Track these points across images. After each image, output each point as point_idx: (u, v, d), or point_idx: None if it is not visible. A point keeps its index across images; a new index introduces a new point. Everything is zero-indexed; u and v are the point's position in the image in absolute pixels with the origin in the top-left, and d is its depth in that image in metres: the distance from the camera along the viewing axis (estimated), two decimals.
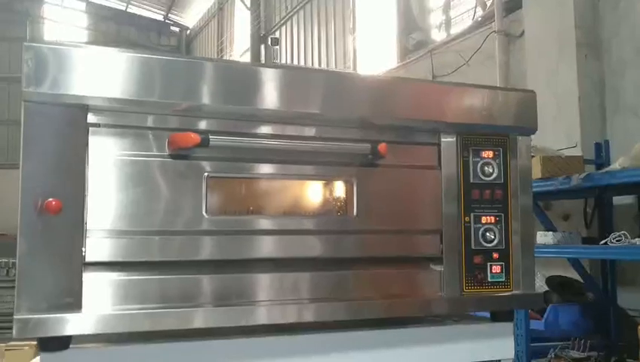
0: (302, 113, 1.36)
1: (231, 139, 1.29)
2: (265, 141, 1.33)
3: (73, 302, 1.18)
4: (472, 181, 1.55)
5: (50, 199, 1.16)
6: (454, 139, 1.55)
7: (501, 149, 1.58)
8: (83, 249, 1.20)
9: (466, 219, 1.54)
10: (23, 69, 1.15)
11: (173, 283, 1.27)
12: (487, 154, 1.57)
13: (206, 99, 1.29)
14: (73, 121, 1.20)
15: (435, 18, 7.67)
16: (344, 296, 1.42)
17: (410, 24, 8.09)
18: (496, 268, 1.55)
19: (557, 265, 4.77)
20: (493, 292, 1.53)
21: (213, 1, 17.41)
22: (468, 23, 6.75)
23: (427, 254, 1.52)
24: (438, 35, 7.57)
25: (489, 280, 1.54)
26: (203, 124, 1.32)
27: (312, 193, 1.48)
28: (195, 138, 1.25)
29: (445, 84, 1.53)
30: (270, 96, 1.32)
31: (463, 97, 1.54)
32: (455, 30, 7.09)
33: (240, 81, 1.32)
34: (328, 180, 1.46)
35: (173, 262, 1.28)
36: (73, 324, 1.17)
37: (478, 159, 1.56)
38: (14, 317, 1.12)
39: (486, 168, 1.56)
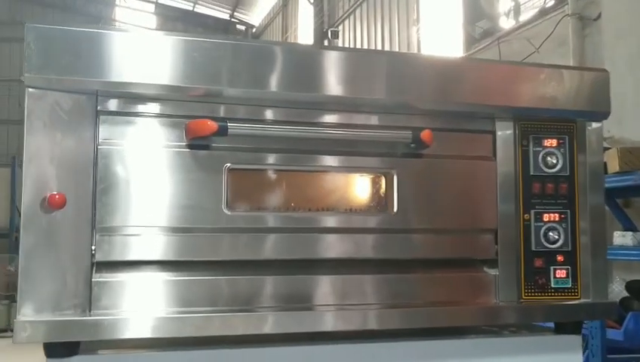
0: (332, 97, 1.21)
1: (252, 127, 1.16)
2: (289, 128, 1.18)
3: (81, 304, 1.08)
4: (532, 173, 1.36)
5: (55, 193, 1.06)
6: (511, 125, 1.36)
7: (567, 137, 1.38)
8: (92, 247, 1.10)
9: (526, 216, 1.35)
10: (25, 51, 1.06)
11: (189, 285, 1.16)
12: (550, 142, 1.37)
13: (227, 83, 1.16)
14: (80, 108, 1.11)
15: (504, 5, 7.30)
16: (386, 302, 1.26)
17: (477, 12, 7.74)
18: (561, 273, 1.35)
19: (638, 268, 4.39)
20: (557, 299, 1.34)
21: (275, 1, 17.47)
22: (538, 7, 6.37)
23: (480, 256, 1.34)
24: (506, 23, 7.20)
25: (552, 286, 1.34)
26: (224, 111, 1.20)
27: (345, 187, 1.32)
28: (212, 125, 1.13)
29: (499, 62, 1.34)
30: (294, 79, 1.18)
31: (521, 77, 1.35)
32: (525, 17, 6.71)
33: (264, 63, 1.18)
34: (364, 173, 1.31)
35: (191, 262, 1.17)
36: (81, 329, 1.07)
37: (540, 148, 1.37)
38: (16, 319, 1.04)
39: (549, 159, 1.37)
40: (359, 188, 1.32)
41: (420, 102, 1.28)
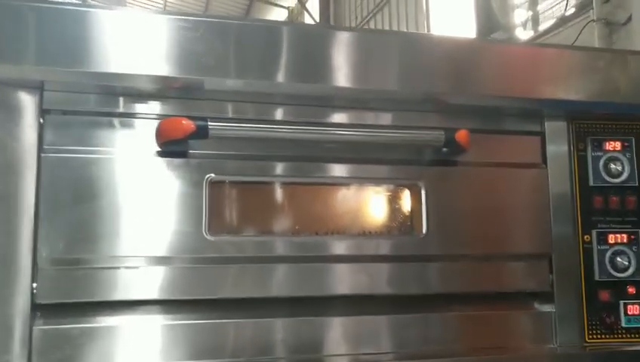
0: (343, 89, 0.95)
1: (239, 128, 0.90)
2: (288, 129, 0.92)
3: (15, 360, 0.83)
4: (592, 184, 1.09)
5: None
6: (565, 125, 1.10)
7: (633, 139, 1.12)
8: (34, 285, 0.85)
9: (586, 238, 1.08)
10: None
11: (161, 331, 0.89)
12: (613, 145, 1.11)
13: (210, 72, 0.91)
14: (19, 105, 0.86)
15: (520, 15, 7.06)
16: (414, 349, 0.99)
17: (491, 24, 7.50)
18: (634, 308, 1.07)
19: None
20: (630, 342, 1.06)
21: (285, 15, 17.39)
22: (558, 14, 6.11)
23: (530, 288, 1.07)
24: (524, 34, 6.94)
25: (623, 325, 1.07)
26: (207, 108, 0.95)
27: (359, 204, 1.05)
28: (188, 125, 0.87)
29: (550, 46, 1.09)
30: (291, 67, 0.92)
31: (574, 64, 1.08)
32: (544, 26, 6.45)
33: (257, 46, 0.93)
34: (384, 185, 1.04)
35: (161, 302, 0.90)
36: None
37: (600, 153, 1.10)
38: None
39: (612, 166, 1.10)
40: (377, 204, 1.05)
41: (451, 97, 1.02)
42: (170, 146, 0.91)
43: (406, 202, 1.04)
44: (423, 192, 1.01)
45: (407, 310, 0.99)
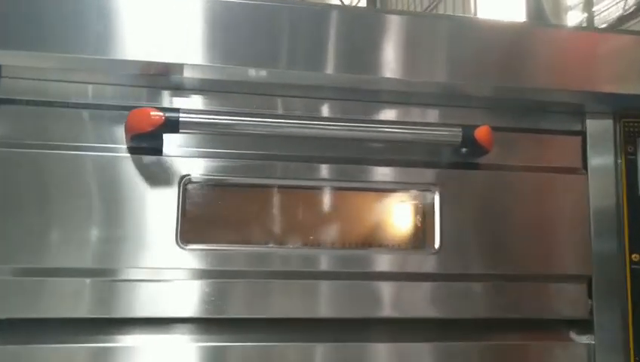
0: (333, 77, 0.81)
1: (218, 121, 0.77)
2: (272, 123, 0.79)
3: None
4: None
5: None
6: (611, 122, 0.93)
7: None
8: None
9: (634, 257, 0.91)
10: None
11: (117, 356, 0.77)
12: None
13: (188, 56, 0.78)
14: None
15: (574, 17, 6.74)
16: None
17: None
18: None
19: None
20: None
21: None
22: (616, 13, 5.79)
23: (567, 316, 0.91)
24: None
25: None
26: (183, 98, 0.83)
27: (358, 212, 0.91)
28: (156, 117, 0.75)
29: (589, 30, 0.93)
30: (274, 52, 0.79)
31: (622, 51, 0.92)
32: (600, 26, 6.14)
33: (241, 28, 0.80)
34: (389, 191, 0.89)
35: (122, 321, 0.78)
36: None
37: None
38: None
39: None
40: (381, 213, 0.90)
41: (472, 88, 0.87)
42: (140, 141, 0.79)
43: (417, 212, 0.89)
44: (437, 200, 0.86)
45: (412, 338, 0.84)
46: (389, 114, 0.87)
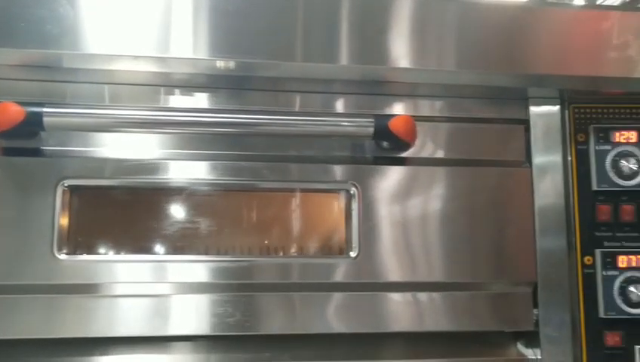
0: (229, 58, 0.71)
1: (94, 115, 0.68)
2: (163, 115, 0.70)
3: None
4: (595, 188, 0.82)
5: None
6: (557, 108, 0.83)
7: None
8: None
9: (587, 260, 0.81)
10: None
11: None
12: (626, 136, 0.83)
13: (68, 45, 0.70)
14: None
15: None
16: None
17: None
18: None
19: None
20: None
21: None
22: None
23: (510, 327, 0.80)
24: None
25: None
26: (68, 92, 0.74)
27: (267, 216, 0.80)
28: (16, 111, 0.66)
29: (530, 3, 0.83)
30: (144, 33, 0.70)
31: (572, 28, 0.81)
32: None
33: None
34: (303, 191, 0.79)
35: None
36: None
37: (608, 147, 0.83)
38: None
39: (623, 164, 0.82)
40: (296, 216, 0.80)
41: (386, 71, 0.76)
42: (9, 139, 0.70)
43: (335, 213, 0.79)
44: (357, 200, 0.77)
45: (331, 355, 0.75)
46: (302, 103, 0.77)
